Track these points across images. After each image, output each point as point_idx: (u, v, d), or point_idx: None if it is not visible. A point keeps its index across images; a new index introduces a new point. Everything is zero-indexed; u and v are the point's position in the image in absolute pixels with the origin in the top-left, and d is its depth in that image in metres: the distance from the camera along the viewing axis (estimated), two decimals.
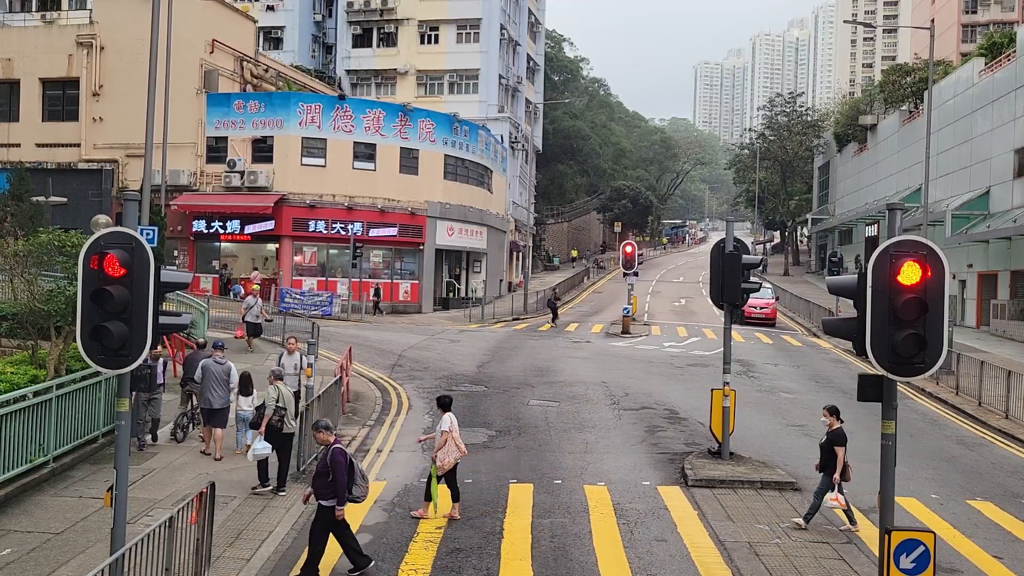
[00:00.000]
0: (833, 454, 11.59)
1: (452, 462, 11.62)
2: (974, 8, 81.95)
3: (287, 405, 12.66)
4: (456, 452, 11.64)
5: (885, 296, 7.19)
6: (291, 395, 13.04)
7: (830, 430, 11.82)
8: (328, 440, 10.09)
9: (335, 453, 9.76)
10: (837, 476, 11.47)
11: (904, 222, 21.84)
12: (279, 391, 12.71)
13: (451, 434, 11.66)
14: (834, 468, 11.52)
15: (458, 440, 11.71)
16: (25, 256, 15.34)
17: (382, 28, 56.83)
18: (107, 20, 38.51)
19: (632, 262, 36.07)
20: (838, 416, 11.86)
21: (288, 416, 12.63)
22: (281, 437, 12.60)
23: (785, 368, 26.45)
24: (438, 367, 24.15)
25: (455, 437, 11.66)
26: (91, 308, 7.50)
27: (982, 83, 40.89)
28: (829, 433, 11.81)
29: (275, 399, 12.62)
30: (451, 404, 12.34)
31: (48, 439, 12.55)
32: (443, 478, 11.69)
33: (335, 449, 9.83)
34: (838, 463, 11.50)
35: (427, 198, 39.91)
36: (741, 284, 14.49)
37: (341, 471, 9.66)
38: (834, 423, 11.79)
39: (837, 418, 11.83)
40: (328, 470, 9.70)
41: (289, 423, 12.65)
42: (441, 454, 11.59)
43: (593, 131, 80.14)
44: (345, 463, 9.74)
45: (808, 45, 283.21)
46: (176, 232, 37.27)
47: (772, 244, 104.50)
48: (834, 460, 11.54)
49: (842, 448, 11.54)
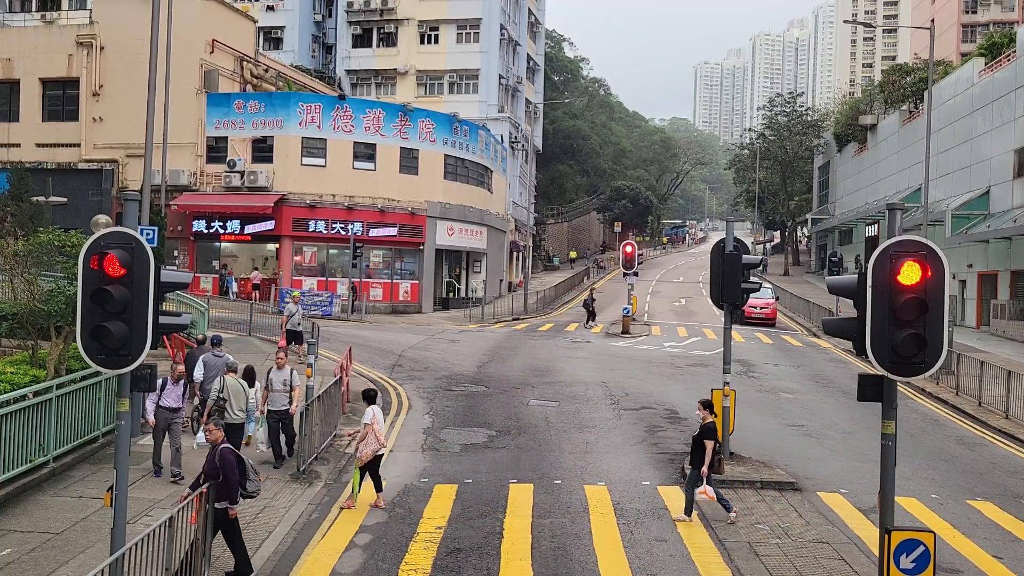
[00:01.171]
0: (703, 448, 11.77)
1: (370, 454, 12.01)
2: (974, 8, 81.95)
3: (230, 396, 13.31)
4: (375, 444, 12.00)
5: (885, 296, 7.19)
6: (239, 387, 13.51)
7: (703, 424, 12.02)
8: (218, 438, 9.87)
9: (224, 452, 9.51)
10: (705, 469, 11.64)
11: (904, 222, 21.86)
12: (224, 382, 13.43)
13: (372, 427, 12.05)
14: (703, 461, 11.71)
15: (379, 433, 12.11)
16: (25, 256, 15.34)
17: (382, 28, 56.83)
18: (107, 20, 38.51)
19: (632, 262, 36.06)
20: (711, 410, 12.13)
21: (231, 407, 13.29)
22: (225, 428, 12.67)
23: (785, 368, 26.45)
24: (438, 367, 24.14)
25: (376, 430, 12.05)
26: (91, 308, 7.51)
27: (982, 83, 40.89)
28: (701, 427, 12.01)
29: (219, 390, 13.37)
30: (376, 397, 12.87)
31: (48, 439, 12.55)
32: (366, 469, 12.12)
33: (224, 449, 9.57)
34: (706, 456, 11.67)
35: (427, 198, 39.91)
36: (741, 284, 14.49)
37: (232, 470, 9.44)
38: (707, 417, 12.04)
39: (710, 412, 12.09)
40: (218, 471, 9.43)
41: (232, 414, 13.25)
42: (362, 446, 12.02)
43: (593, 131, 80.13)
44: (235, 461, 9.54)
45: (808, 45, 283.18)
46: (176, 232, 37.28)
47: (772, 244, 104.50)
48: (703, 453, 11.74)
49: (712, 442, 11.76)
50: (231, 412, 13.26)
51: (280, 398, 14.09)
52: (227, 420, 13.01)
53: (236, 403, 13.34)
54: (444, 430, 16.99)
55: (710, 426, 11.89)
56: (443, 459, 14.92)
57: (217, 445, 9.72)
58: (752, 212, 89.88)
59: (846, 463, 15.40)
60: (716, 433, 11.88)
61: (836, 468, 15.06)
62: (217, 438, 9.90)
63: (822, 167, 75.95)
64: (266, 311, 31.95)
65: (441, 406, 19.17)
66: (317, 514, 11.90)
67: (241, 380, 13.69)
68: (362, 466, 12.12)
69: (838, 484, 14.02)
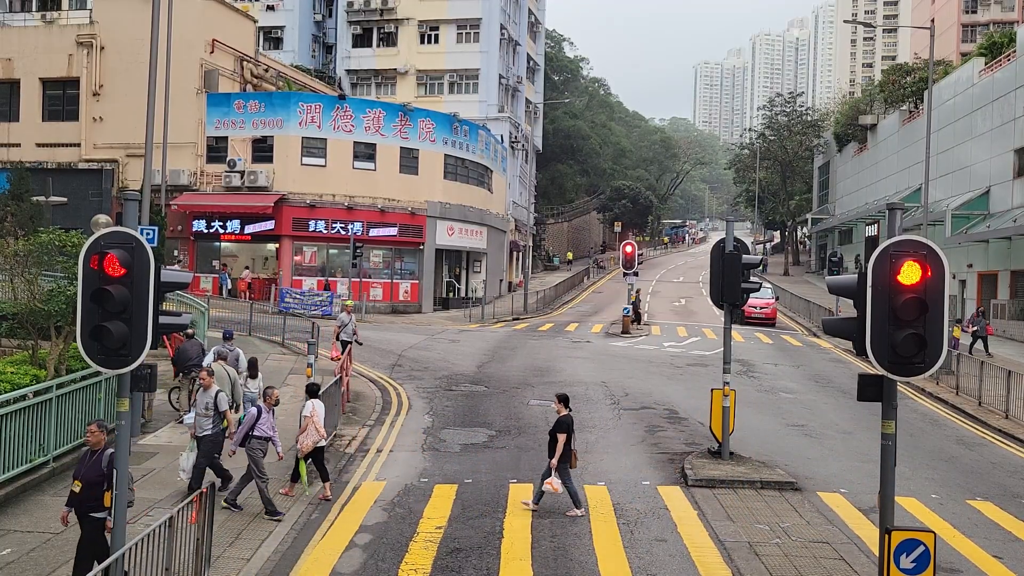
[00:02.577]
0: (555, 440, 12.05)
1: (311, 445, 12.36)
2: (974, 8, 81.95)
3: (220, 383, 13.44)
4: (315, 435, 12.39)
5: (885, 296, 7.19)
6: (224, 374, 13.84)
7: (558, 417, 12.26)
8: (101, 442, 8.84)
9: (113, 459, 8.36)
10: (554, 462, 11.91)
11: (904, 222, 21.87)
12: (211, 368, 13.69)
13: (311, 419, 12.41)
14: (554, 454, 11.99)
15: (318, 425, 12.45)
16: (25, 256, 15.35)
17: (382, 28, 56.83)
18: (107, 20, 38.50)
19: (632, 262, 36.06)
20: (566, 404, 12.38)
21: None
22: None
23: (785, 368, 26.45)
24: (438, 367, 24.15)
25: (316, 422, 12.41)
26: (91, 308, 7.50)
27: (982, 83, 40.88)
28: (556, 421, 12.28)
29: None
30: (318, 391, 13.13)
31: (48, 439, 12.56)
32: (310, 459, 12.55)
33: (113, 454, 8.40)
34: (557, 449, 11.94)
35: (427, 198, 39.91)
36: (741, 284, 14.49)
37: None
38: (561, 410, 12.28)
39: (565, 406, 12.32)
40: (103, 479, 8.59)
41: None
42: (302, 437, 12.41)
43: (593, 131, 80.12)
44: None
45: (808, 45, 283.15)
46: (176, 232, 37.28)
47: (772, 244, 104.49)
48: (555, 446, 12.04)
49: (563, 435, 11.99)
50: None
51: (204, 422, 12.26)
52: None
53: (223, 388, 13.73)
54: (444, 430, 16.99)
55: (562, 420, 12.15)
56: (443, 459, 14.92)
57: (101, 450, 8.79)
58: (752, 212, 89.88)
59: (846, 463, 15.40)
60: (569, 427, 12.17)
61: (836, 468, 15.06)
62: (100, 442, 8.84)
63: (822, 167, 75.95)
64: (266, 311, 31.96)
65: (441, 406, 19.18)
66: (317, 514, 11.90)
67: (228, 367, 14.23)
68: (304, 456, 12.46)
69: (838, 484, 14.01)
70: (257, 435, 11.84)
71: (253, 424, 11.88)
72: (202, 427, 12.26)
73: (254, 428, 11.86)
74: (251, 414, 12.03)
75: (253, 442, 11.80)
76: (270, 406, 12.23)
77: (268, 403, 12.23)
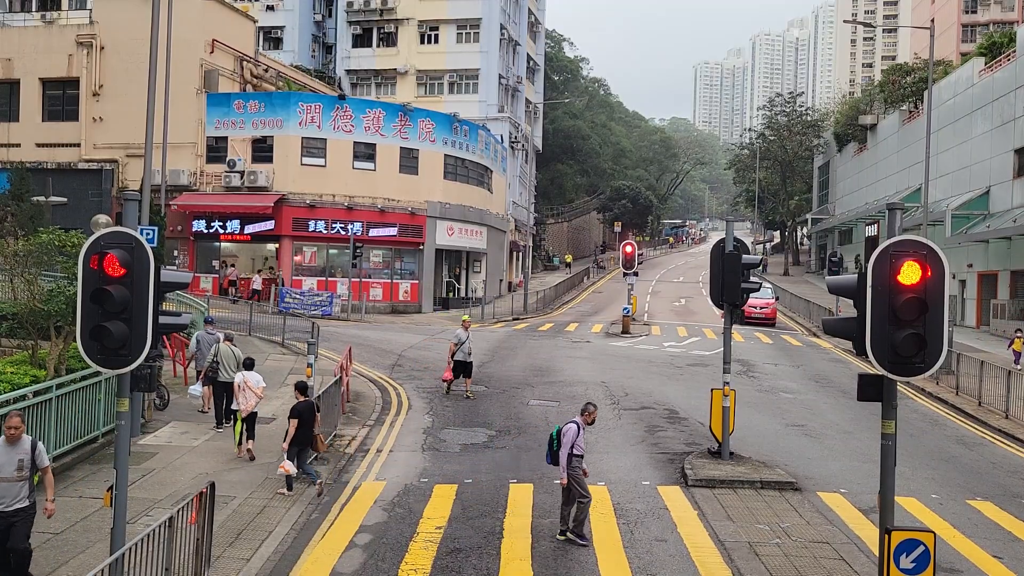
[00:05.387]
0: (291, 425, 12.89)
1: (253, 405, 14.23)
2: (974, 8, 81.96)
3: (223, 359, 15.81)
4: (254, 398, 14.24)
5: (885, 296, 7.19)
6: (230, 352, 15.95)
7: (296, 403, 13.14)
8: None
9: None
10: (285, 445, 12.69)
11: (904, 222, 21.86)
12: (217, 348, 16.00)
13: (246, 386, 14.23)
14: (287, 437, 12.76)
15: (253, 387, 14.24)
16: (25, 256, 15.35)
17: (382, 28, 56.82)
18: (107, 20, 38.50)
19: (632, 262, 36.05)
20: (303, 392, 13.27)
21: (225, 368, 15.76)
22: (216, 384, 16.04)
23: (785, 368, 26.45)
24: (438, 367, 24.09)
25: (250, 386, 14.23)
26: (91, 308, 7.50)
27: (982, 83, 40.89)
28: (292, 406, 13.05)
29: (214, 354, 16.00)
30: (253, 365, 14.89)
31: (48, 439, 12.53)
32: (245, 421, 14.31)
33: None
34: (288, 433, 12.69)
35: (427, 198, 39.91)
36: (741, 284, 14.48)
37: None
38: (299, 398, 13.13)
39: (301, 393, 13.22)
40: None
41: (225, 372, 15.75)
42: (242, 400, 14.19)
43: (593, 131, 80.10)
44: None
45: (808, 45, 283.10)
46: (176, 232, 37.28)
47: (772, 244, 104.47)
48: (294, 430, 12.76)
49: (295, 420, 12.68)
50: (224, 372, 15.75)
51: (10, 489, 8.55)
52: (220, 379, 15.81)
53: (228, 365, 15.80)
54: (444, 430, 16.99)
55: (297, 406, 12.85)
56: (443, 459, 14.92)
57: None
58: (752, 212, 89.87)
59: (846, 463, 15.40)
60: (306, 415, 12.80)
61: (836, 468, 15.05)
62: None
63: (822, 167, 75.95)
64: (266, 311, 31.96)
65: (441, 406, 19.17)
66: (317, 514, 11.90)
67: (234, 347, 16.18)
68: (244, 417, 14.26)
69: (838, 484, 14.01)
70: (576, 453, 11.12)
71: (572, 443, 11.07)
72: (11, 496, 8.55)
73: (574, 447, 11.08)
74: (571, 431, 11.10)
75: (573, 461, 11.09)
76: (587, 423, 11.40)
77: (586, 420, 11.39)
